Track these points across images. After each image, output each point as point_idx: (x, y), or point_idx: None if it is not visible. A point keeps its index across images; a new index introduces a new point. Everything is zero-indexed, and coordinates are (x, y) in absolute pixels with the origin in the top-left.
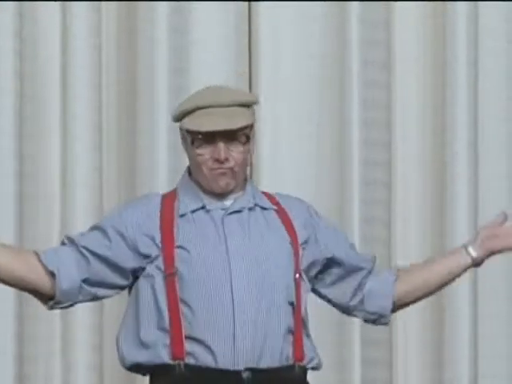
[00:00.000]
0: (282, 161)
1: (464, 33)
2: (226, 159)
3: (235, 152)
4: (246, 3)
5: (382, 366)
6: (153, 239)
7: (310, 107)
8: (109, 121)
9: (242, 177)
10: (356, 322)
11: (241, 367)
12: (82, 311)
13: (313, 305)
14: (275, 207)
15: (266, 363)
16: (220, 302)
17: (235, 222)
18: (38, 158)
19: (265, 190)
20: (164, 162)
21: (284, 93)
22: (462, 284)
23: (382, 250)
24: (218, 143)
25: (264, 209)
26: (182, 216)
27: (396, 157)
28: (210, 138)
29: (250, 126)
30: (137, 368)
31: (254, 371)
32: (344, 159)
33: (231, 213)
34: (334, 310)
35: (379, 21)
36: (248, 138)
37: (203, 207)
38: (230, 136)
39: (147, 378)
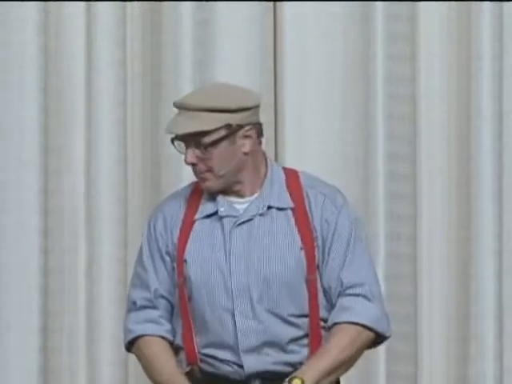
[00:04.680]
0: (307, 140)
1: (488, 27)
2: (194, 164)
3: (203, 156)
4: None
5: (406, 360)
6: (172, 243)
7: (335, 102)
8: (133, 114)
9: (233, 178)
10: None
11: (250, 377)
12: (107, 303)
13: None
14: (292, 205)
15: (277, 370)
16: (222, 322)
17: (244, 232)
18: (63, 153)
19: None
20: None
21: (309, 87)
22: (487, 280)
23: (408, 229)
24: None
25: (280, 209)
26: (198, 220)
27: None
28: (183, 141)
29: (221, 131)
30: None
31: (264, 379)
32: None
33: (241, 223)
34: None
35: (404, 16)
36: (209, 145)
37: (217, 212)
38: (193, 141)
39: None
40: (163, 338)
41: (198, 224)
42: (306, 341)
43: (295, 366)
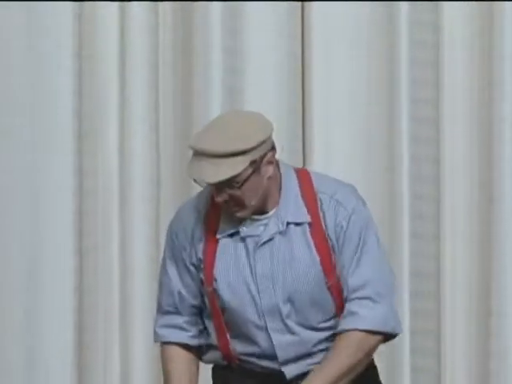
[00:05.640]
0: (334, 135)
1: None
2: (225, 201)
3: (234, 193)
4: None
5: (429, 336)
6: (197, 257)
7: (361, 87)
8: (165, 99)
9: (261, 202)
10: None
11: (291, 380)
12: (140, 281)
13: None
14: (309, 219)
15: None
16: (257, 338)
17: (267, 253)
18: (97, 136)
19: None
20: None
21: (335, 77)
22: (509, 259)
23: (431, 226)
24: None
25: (297, 224)
26: (221, 238)
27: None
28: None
29: (248, 168)
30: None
31: (304, 376)
32: (393, 136)
33: (263, 243)
34: None
35: (427, 4)
36: (243, 182)
37: (238, 232)
38: (221, 184)
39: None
40: (187, 345)
41: (221, 242)
42: None
43: None
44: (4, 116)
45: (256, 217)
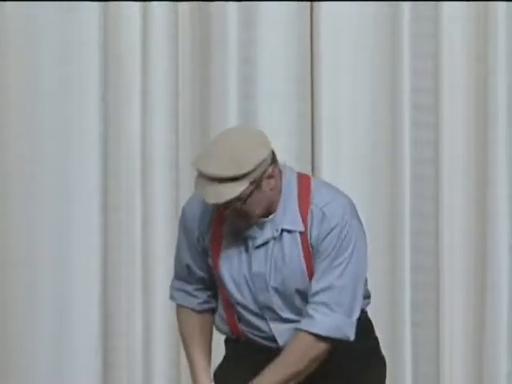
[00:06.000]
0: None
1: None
2: (230, 213)
3: (238, 208)
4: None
5: (429, 307)
6: (205, 244)
7: (365, 79)
8: (184, 88)
9: (265, 209)
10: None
11: None
12: (160, 256)
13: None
14: (302, 229)
15: None
16: (258, 324)
17: (262, 254)
18: (121, 122)
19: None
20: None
21: (342, 73)
22: (502, 258)
23: (431, 206)
24: None
25: (290, 232)
26: (226, 233)
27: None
28: None
29: (248, 187)
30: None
31: None
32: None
33: (259, 246)
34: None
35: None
36: (245, 199)
37: (241, 231)
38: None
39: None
40: (198, 310)
41: (226, 237)
42: None
43: None
44: (35, 104)
45: (261, 219)
